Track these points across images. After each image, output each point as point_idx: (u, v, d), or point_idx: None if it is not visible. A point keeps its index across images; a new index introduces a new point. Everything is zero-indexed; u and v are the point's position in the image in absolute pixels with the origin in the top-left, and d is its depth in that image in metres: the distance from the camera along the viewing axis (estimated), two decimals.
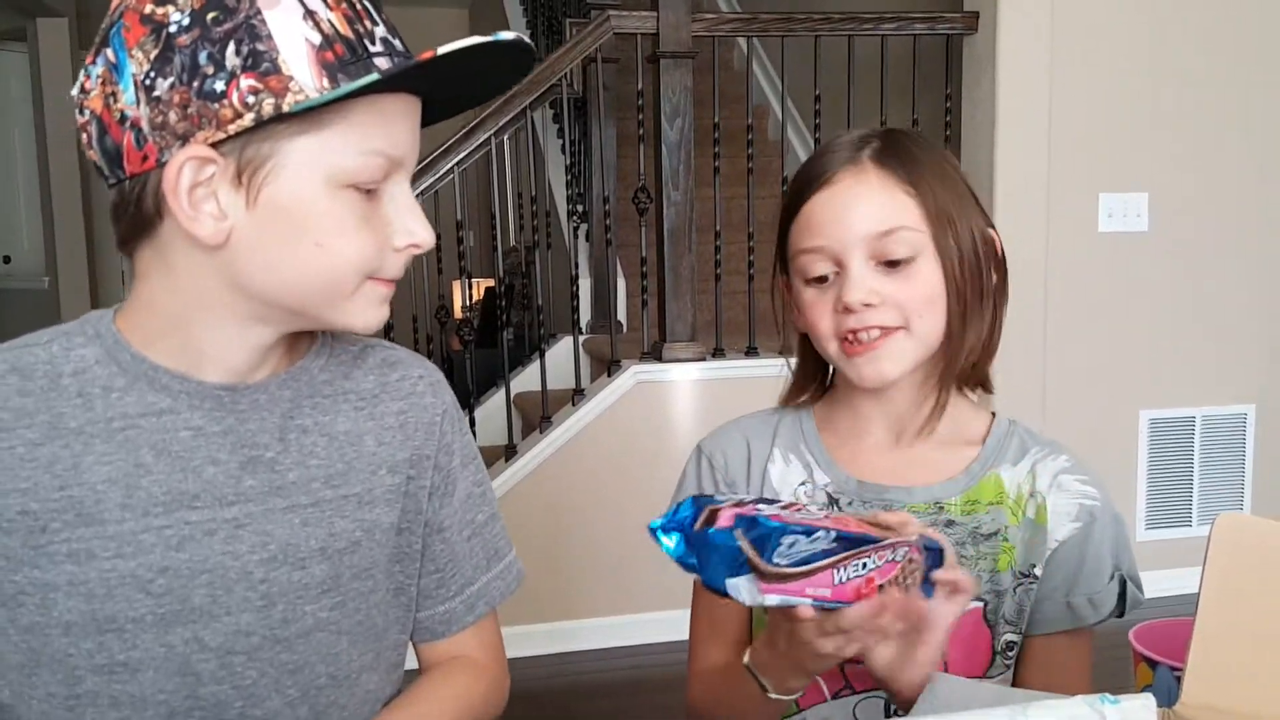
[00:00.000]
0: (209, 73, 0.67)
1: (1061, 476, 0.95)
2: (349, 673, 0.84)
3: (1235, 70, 3.13)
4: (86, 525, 0.74)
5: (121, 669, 0.75)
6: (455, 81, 0.75)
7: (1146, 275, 3.15)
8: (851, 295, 0.87)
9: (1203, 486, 3.27)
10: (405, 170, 0.75)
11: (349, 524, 0.82)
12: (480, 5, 6.78)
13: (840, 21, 3.11)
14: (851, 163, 0.90)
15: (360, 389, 0.86)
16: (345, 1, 0.71)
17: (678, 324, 3.02)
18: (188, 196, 0.70)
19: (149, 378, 0.77)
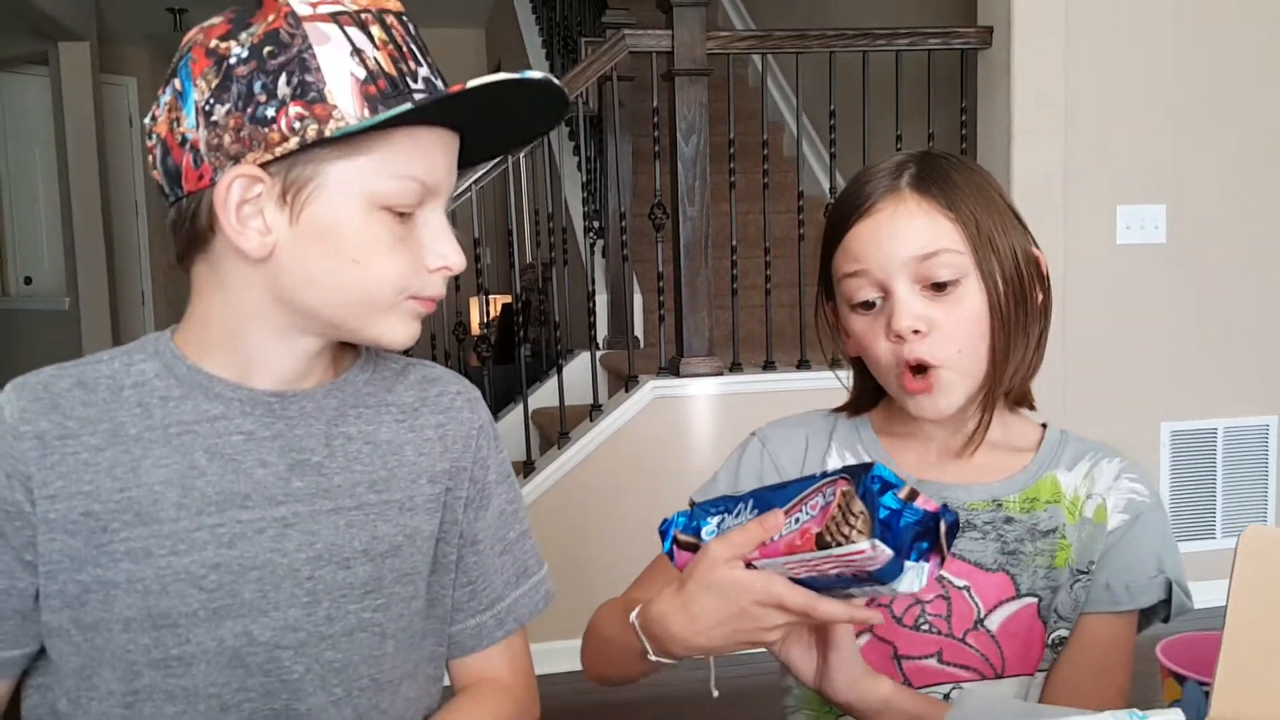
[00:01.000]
0: (262, 100, 0.74)
1: (1121, 479, 0.98)
2: (390, 678, 0.87)
3: (1251, 80, 3.12)
4: (144, 525, 0.79)
5: (176, 663, 0.80)
6: (490, 118, 0.81)
7: (1165, 287, 3.14)
8: (901, 322, 0.89)
9: (1226, 499, 3.24)
10: (439, 198, 0.81)
11: (391, 528, 0.86)
12: (496, 26, 6.84)
13: (854, 37, 3.12)
14: (890, 191, 0.91)
15: (401, 402, 0.91)
16: (392, 44, 0.77)
17: (695, 339, 3.02)
18: (235, 212, 0.76)
19: (203, 387, 0.82)
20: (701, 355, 3.02)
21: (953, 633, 0.93)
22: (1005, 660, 0.93)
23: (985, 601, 0.94)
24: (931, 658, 0.94)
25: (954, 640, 0.93)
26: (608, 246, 3.77)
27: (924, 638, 0.94)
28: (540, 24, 5.34)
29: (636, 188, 3.75)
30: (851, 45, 3.11)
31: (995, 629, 0.93)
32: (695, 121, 2.97)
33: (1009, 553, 0.94)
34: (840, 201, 0.95)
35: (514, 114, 0.82)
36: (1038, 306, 0.95)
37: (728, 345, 3.12)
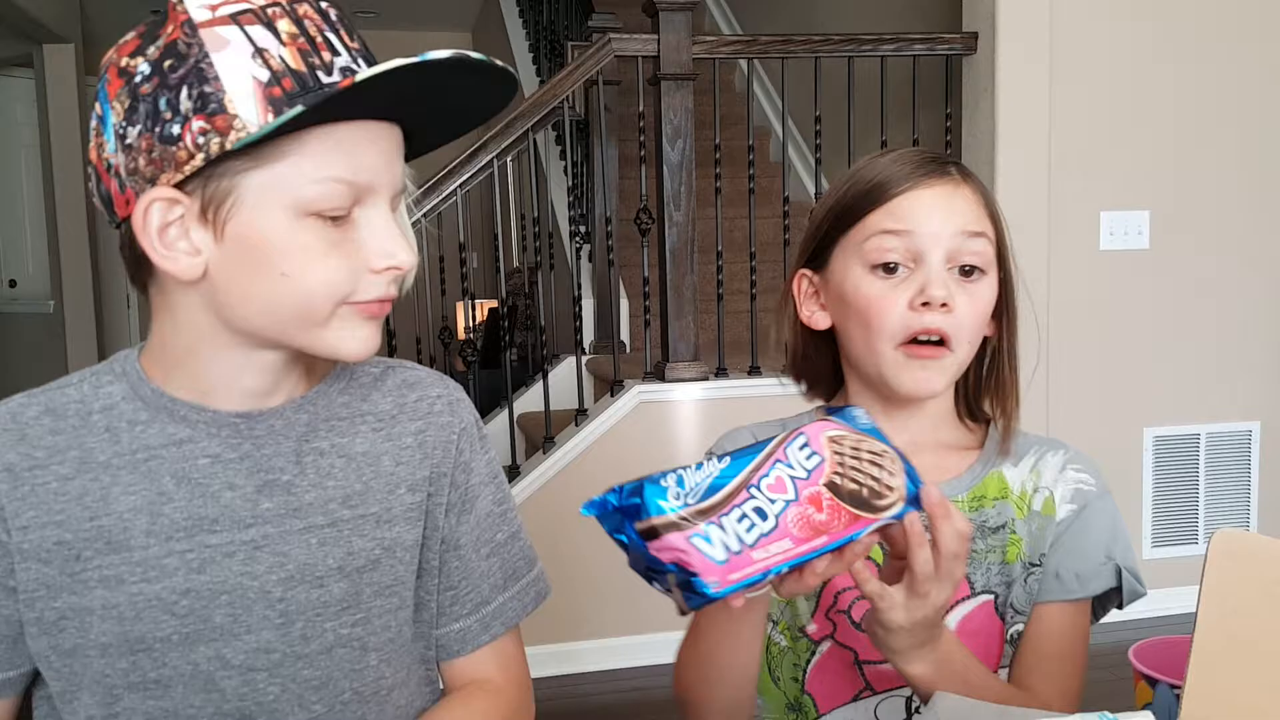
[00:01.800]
0: (167, 118, 0.71)
1: (1066, 470, 0.99)
2: (377, 689, 0.86)
3: (1235, 87, 3.14)
4: (115, 552, 0.79)
5: (154, 685, 0.79)
6: (424, 104, 0.76)
7: (1149, 292, 3.15)
8: (936, 290, 0.89)
9: (1208, 504, 3.26)
10: (378, 195, 0.77)
11: (367, 543, 0.84)
12: (483, 28, 6.83)
13: (840, 43, 3.13)
14: (945, 174, 0.94)
15: (378, 410, 0.88)
16: (303, 36, 0.73)
17: (680, 344, 3.02)
18: (158, 237, 0.74)
19: (169, 410, 0.81)
20: (687, 360, 3.02)
21: None
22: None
23: None
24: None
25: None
26: (594, 251, 3.77)
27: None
28: (527, 27, 5.34)
29: (623, 192, 3.75)
30: (837, 50, 3.12)
31: (953, 628, 0.93)
32: (681, 126, 2.98)
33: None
34: (878, 172, 0.94)
35: (455, 97, 0.77)
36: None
37: (713, 350, 3.12)
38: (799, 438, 0.72)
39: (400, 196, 0.80)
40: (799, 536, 0.69)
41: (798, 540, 0.68)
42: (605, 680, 2.90)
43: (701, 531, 0.67)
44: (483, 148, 2.99)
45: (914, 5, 3.75)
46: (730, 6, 5.44)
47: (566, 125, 3.38)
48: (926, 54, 3.14)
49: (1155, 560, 3.19)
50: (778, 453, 0.71)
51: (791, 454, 0.71)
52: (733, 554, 0.67)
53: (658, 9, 2.94)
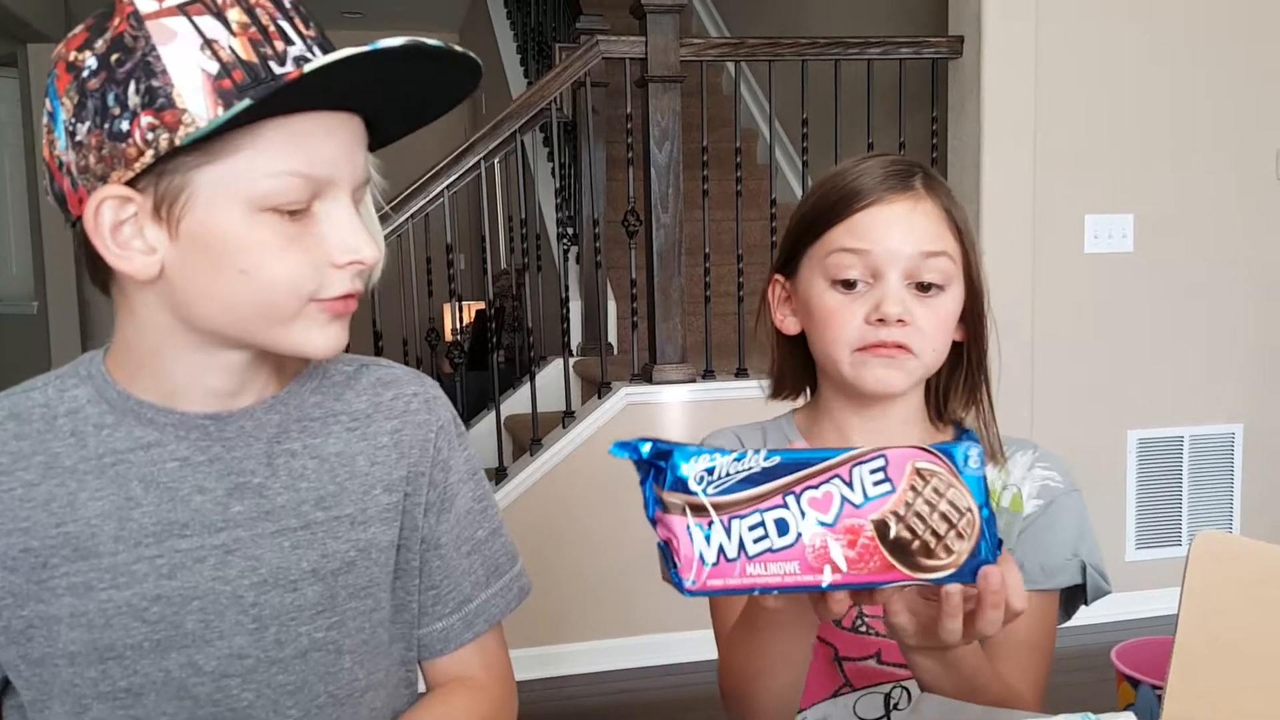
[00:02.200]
0: (115, 113, 0.69)
1: (1035, 469, 1.01)
2: (352, 692, 0.85)
3: (1220, 90, 3.16)
4: (84, 559, 0.77)
5: (125, 694, 0.77)
6: (381, 94, 0.74)
7: (1133, 295, 3.17)
8: (891, 307, 0.90)
9: (1191, 506, 3.28)
10: (339, 188, 0.74)
11: (342, 545, 0.83)
12: (471, 30, 6.83)
13: (826, 46, 3.14)
14: (907, 188, 0.94)
15: (352, 410, 0.86)
16: (255, 25, 0.70)
17: (667, 346, 3.02)
18: (112, 236, 0.72)
19: (135, 413, 0.79)
20: (674, 362, 3.02)
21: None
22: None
23: None
24: (871, 658, 0.95)
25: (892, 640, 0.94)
26: (581, 253, 3.77)
27: (863, 639, 0.95)
28: (515, 29, 5.33)
29: (610, 194, 3.75)
30: (824, 54, 3.13)
31: None
32: (669, 128, 2.98)
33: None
34: (842, 183, 0.95)
35: (415, 85, 0.75)
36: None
37: (700, 352, 3.12)
38: (877, 459, 0.64)
39: (364, 188, 0.78)
40: (811, 565, 0.63)
41: (807, 569, 0.63)
42: (593, 682, 2.90)
43: (704, 526, 0.63)
44: (470, 149, 2.99)
45: (900, 9, 3.77)
46: (718, 9, 5.45)
47: (554, 127, 3.38)
48: (912, 57, 3.15)
49: (1139, 562, 3.21)
50: (842, 468, 0.64)
51: (858, 474, 0.64)
52: (725, 559, 0.63)
53: (645, 11, 2.94)
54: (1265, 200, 3.21)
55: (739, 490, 0.63)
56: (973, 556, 0.65)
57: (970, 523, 0.64)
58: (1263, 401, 3.27)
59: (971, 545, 0.64)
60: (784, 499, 0.63)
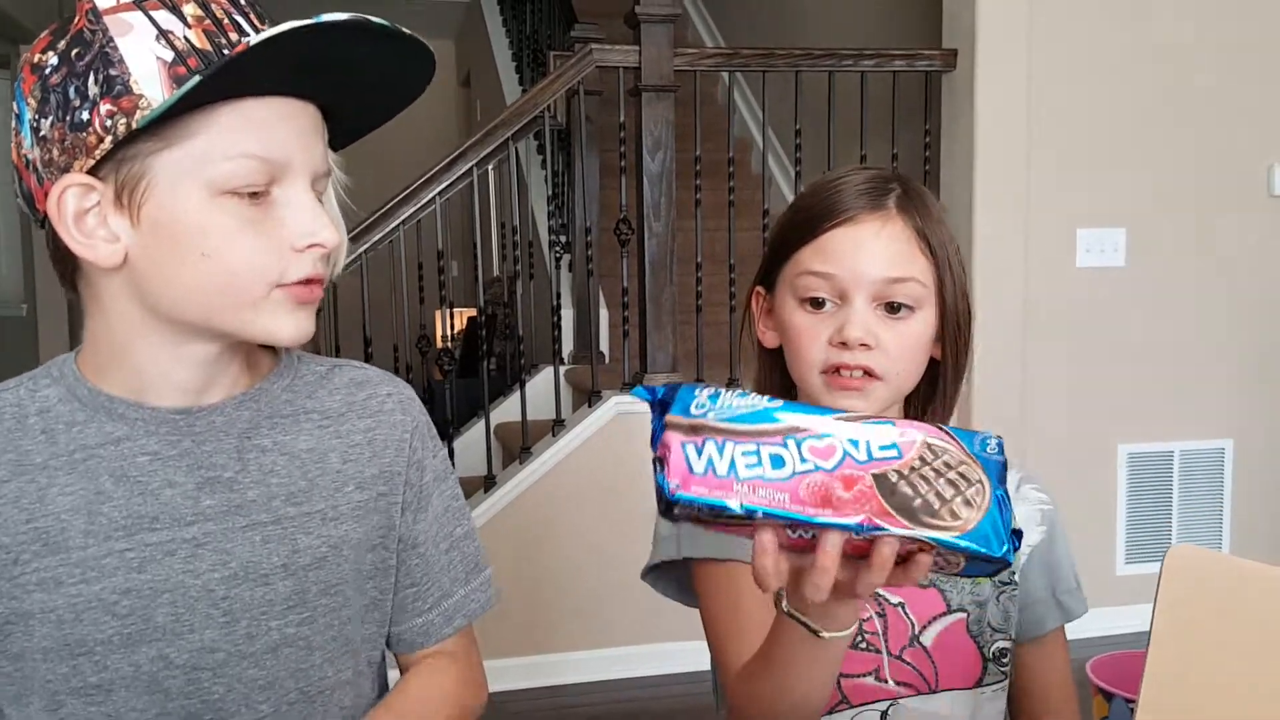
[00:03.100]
0: (76, 105, 0.72)
1: (1023, 487, 1.01)
2: (322, 688, 0.85)
3: (1211, 106, 3.17)
4: (53, 554, 0.77)
5: (96, 690, 0.78)
6: (333, 78, 0.75)
7: (1124, 310, 3.18)
8: (853, 331, 0.89)
9: (1181, 521, 3.28)
10: (298, 173, 0.76)
11: (313, 540, 0.84)
12: (466, 37, 6.83)
13: (820, 57, 3.15)
14: (878, 207, 0.92)
15: (325, 408, 0.88)
16: (209, 18, 0.73)
17: (659, 355, 3.02)
18: (75, 225, 0.74)
19: (106, 409, 0.80)
20: (665, 371, 3.02)
21: (889, 650, 0.95)
22: (939, 675, 0.95)
23: (919, 617, 0.95)
24: (869, 675, 0.94)
25: (891, 657, 0.95)
26: (574, 261, 3.77)
27: (862, 655, 0.94)
28: (510, 36, 5.34)
29: (603, 203, 3.75)
30: (818, 65, 3.13)
31: (930, 644, 0.95)
32: (662, 137, 2.98)
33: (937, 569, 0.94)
34: (818, 203, 0.95)
35: (368, 72, 0.76)
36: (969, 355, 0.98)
37: (692, 362, 3.12)
38: (886, 423, 0.62)
39: (326, 180, 0.79)
40: (803, 499, 0.60)
41: (798, 501, 0.60)
42: (580, 692, 2.88)
43: (699, 444, 0.61)
44: (463, 155, 2.99)
45: (895, 21, 3.78)
46: (713, 19, 5.46)
47: (547, 134, 3.38)
48: (906, 70, 3.16)
49: (1129, 576, 3.21)
50: (831, 424, 0.61)
51: (862, 430, 0.61)
52: (714, 474, 0.60)
53: (640, 20, 2.95)
54: (1257, 216, 3.22)
55: (738, 422, 0.61)
56: (984, 533, 0.60)
57: (980, 493, 0.60)
58: (1253, 416, 3.28)
59: (980, 515, 0.60)
60: (784, 440, 0.60)
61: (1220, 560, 0.68)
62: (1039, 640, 1.00)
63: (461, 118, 7.38)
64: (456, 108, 7.53)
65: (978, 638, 0.96)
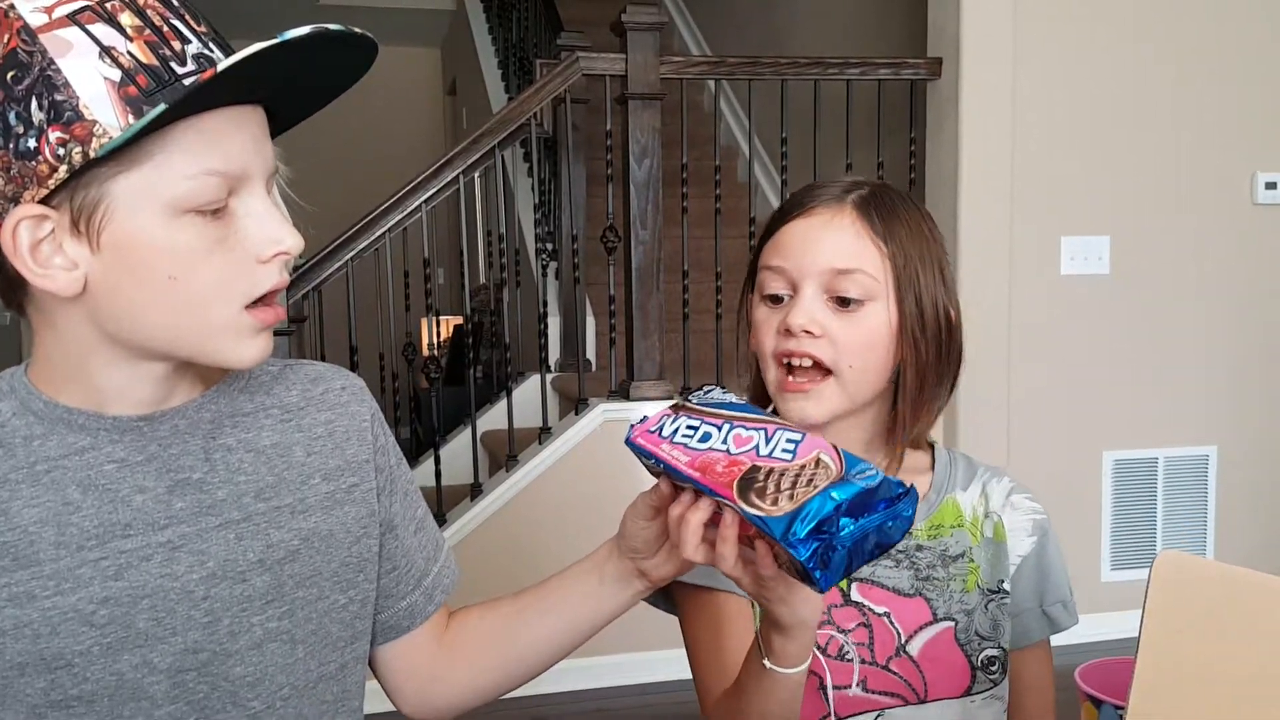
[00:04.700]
0: (20, 132, 0.68)
1: (1013, 496, 1.01)
2: (309, 681, 0.85)
3: (1193, 115, 3.20)
4: (23, 568, 0.76)
5: (77, 702, 0.76)
6: (286, 83, 0.74)
7: (1109, 317, 3.19)
8: (795, 318, 0.90)
9: (1166, 527, 3.29)
10: (254, 181, 0.75)
11: (285, 534, 0.84)
12: (452, 45, 6.83)
13: (806, 65, 3.16)
14: (834, 200, 0.94)
15: (284, 403, 0.88)
16: (149, 28, 0.70)
17: (645, 363, 3.02)
18: (31, 255, 0.71)
19: (65, 420, 0.78)
20: (652, 379, 3.02)
21: (875, 660, 0.94)
22: (927, 685, 0.94)
23: (905, 627, 0.95)
24: (856, 686, 0.94)
25: (877, 667, 0.94)
26: (560, 269, 3.76)
27: (848, 666, 0.94)
28: (496, 44, 5.34)
29: (590, 210, 3.75)
30: (803, 73, 3.14)
31: (916, 654, 0.94)
32: (648, 145, 2.98)
33: (924, 578, 0.96)
34: (786, 201, 0.98)
35: (315, 71, 0.76)
36: (954, 361, 0.97)
37: (678, 370, 3.12)
38: (797, 433, 0.74)
39: (273, 178, 0.78)
40: (692, 464, 0.76)
41: (690, 465, 0.76)
42: (567, 701, 2.87)
43: (672, 416, 0.81)
44: (449, 164, 2.98)
45: (880, 30, 3.80)
46: (699, 27, 5.48)
47: (534, 142, 3.38)
48: (891, 78, 3.17)
49: (1113, 583, 3.22)
50: (770, 425, 0.76)
51: (779, 435, 0.75)
52: (659, 435, 0.80)
53: (626, 29, 2.95)
54: (1241, 223, 3.25)
55: (713, 407, 0.80)
56: (788, 520, 0.69)
57: (806, 495, 0.70)
58: (1237, 423, 3.30)
59: (792, 508, 0.69)
60: (721, 424, 0.77)
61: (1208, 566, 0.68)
62: (1023, 650, 1.00)
63: (448, 126, 7.37)
64: (443, 116, 7.53)
65: (965, 646, 0.95)
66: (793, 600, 0.77)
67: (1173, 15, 3.15)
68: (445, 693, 0.97)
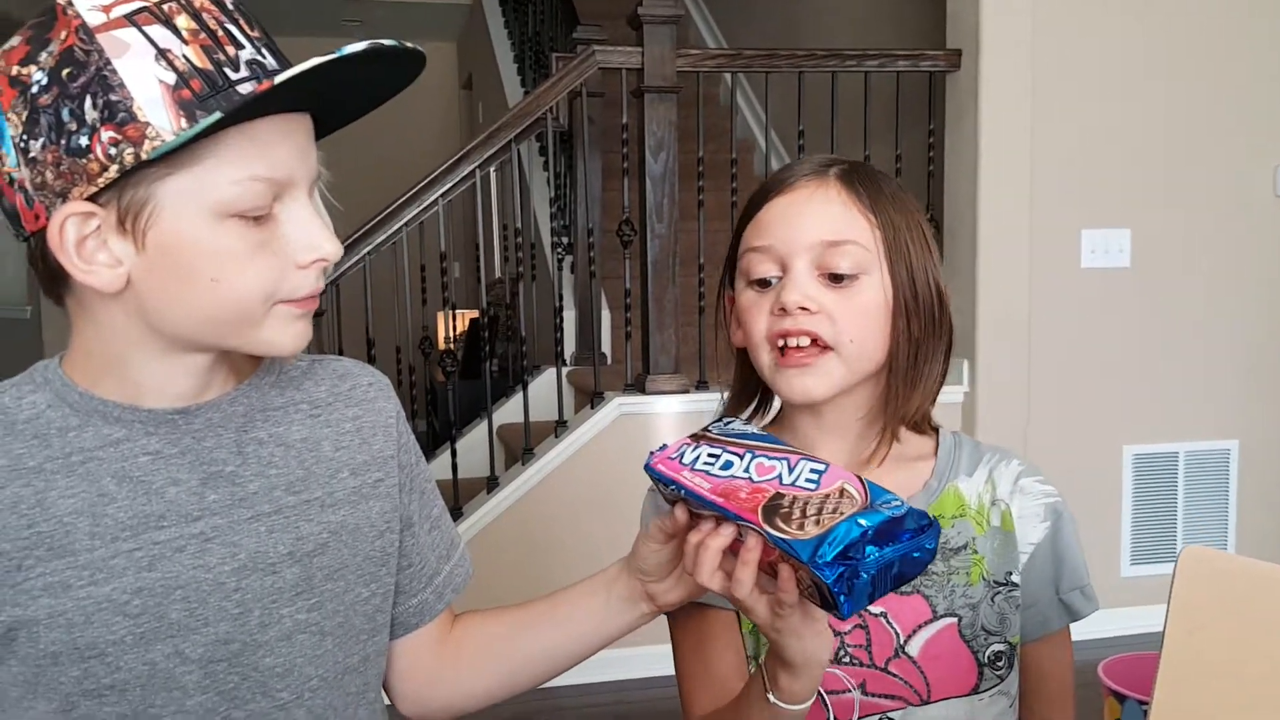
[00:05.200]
0: (73, 129, 0.69)
1: (1022, 480, 0.96)
2: (336, 672, 0.86)
3: (1214, 107, 3.17)
4: (59, 558, 0.77)
5: (109, 691, 0.77)
6: (337, 94, 0.76)
7: (1129, 311, 3.17)
8: (789, 296, 0.87)
9: (1187, 522, 3.27)
10: (298, 188, 0.76)
11: (314, 527, 0.85)
12: (468, 40, 6.83)
13: (824, 58, 3.14)
14: (816, 174, 0.90)
15: (313, 398, 0.89)
16: (204, 31, 0.71)
17: (661, 356, 3.01)
18: (76, 251, 0.72)
19: (101, 412, 0.80)
20: (668, 373, 3.01)
21: (874, 662, 0.91)
22: (930, 685, 0.91)
23: (903, 627, 0.91)
24: (855, 690, 0.91)
25: (876, 670, 0.91)
26: (576, 262, 3.76)
27: (847, 670, 0.91)
28: (512, 38, 5.34)
29: (606, 204, 3.75)
30: (821, 65, 3.13)
31: (917, 654, 0.91)
32: (664, 139, 2.98)
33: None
34: (763, 184, 0.94)
35: (365, 82, 0.77)
36: (945, 336, 0.93)
37: (694, 363, 3.11)
38: (820, 463, 0.75)
39: (316, 184, 0.79)
40: (715, 490, 0.76)
41: (715, 491, 0.76)
42: (582, 694, 2.88)
43: (692, 444, 0.81)
44: (465, 158, 2.98)
45: (898, 22, 3.77)
46: (715, 20, 5.46)
47: (550, 136, 3.37)
48: (910, 70, 3.15)
49: (1133, 578, 3.20)
50: (794, 456, 0.76)
51: (802, 466, 0.75)
52: (680, 462, 0.80)
53: (642, 22, 2.94)
54: (1263, 216, 3.21)
55: (735, 437, 0.80)
56: (815, 543, 0.69)
57: (833, 520, 0.70)
58: (1259, 417, 3.27)
59: (819, 532, 0.69)
60: (743, 454, 0.78)
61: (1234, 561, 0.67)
62: (1040, 641, 0.95)
63: (464, 120, 7.38)
64: (459, 110, 7.54)
65: (971, 642, 0.92)
66: (806, 634, 0.77)
67: (1195, 6, 3.12)
68: (443, 694, 0.98)
